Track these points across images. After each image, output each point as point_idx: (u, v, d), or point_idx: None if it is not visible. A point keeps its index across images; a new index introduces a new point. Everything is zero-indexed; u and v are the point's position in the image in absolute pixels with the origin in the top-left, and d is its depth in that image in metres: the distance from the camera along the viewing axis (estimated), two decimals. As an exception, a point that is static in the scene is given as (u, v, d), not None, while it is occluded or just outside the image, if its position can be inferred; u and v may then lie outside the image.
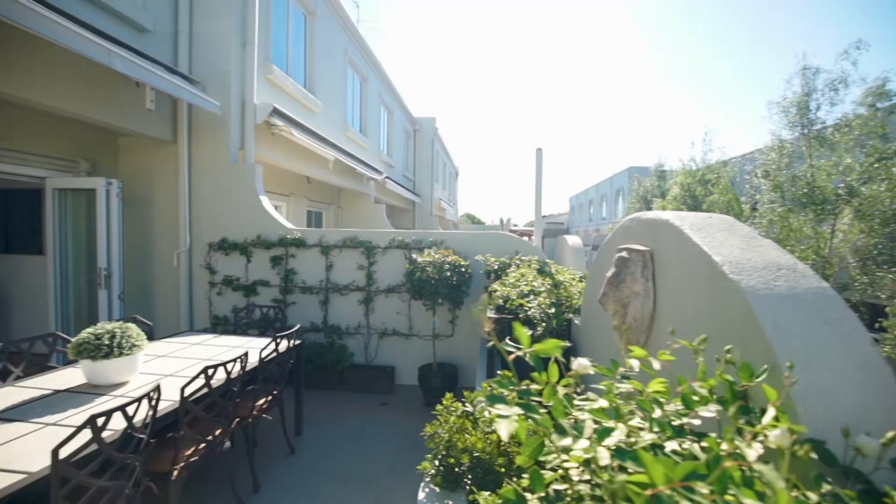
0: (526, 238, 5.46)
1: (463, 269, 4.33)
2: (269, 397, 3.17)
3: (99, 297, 4.73)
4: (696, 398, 0.94)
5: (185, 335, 3.90)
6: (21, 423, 2.05)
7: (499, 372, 2.29)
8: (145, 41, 4.85)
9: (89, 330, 2.48)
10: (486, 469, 1.93)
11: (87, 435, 1.68)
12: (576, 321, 3.01)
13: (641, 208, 20.79)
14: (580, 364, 0.97)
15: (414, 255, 4.79)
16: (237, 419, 2.83)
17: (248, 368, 2.77)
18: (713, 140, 23.17)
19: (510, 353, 0.93)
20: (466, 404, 2.22)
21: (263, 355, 2.91)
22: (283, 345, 3.21)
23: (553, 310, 2.94)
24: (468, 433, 2.08)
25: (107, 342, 2.44)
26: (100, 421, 1.68)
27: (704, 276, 1.44)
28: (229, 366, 2.51)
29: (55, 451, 1.56)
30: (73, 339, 2.51)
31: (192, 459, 2.38)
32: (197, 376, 2.26)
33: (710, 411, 0.91)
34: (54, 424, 2.03)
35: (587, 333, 2.82)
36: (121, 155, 5.58)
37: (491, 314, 3.35)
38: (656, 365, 1.04)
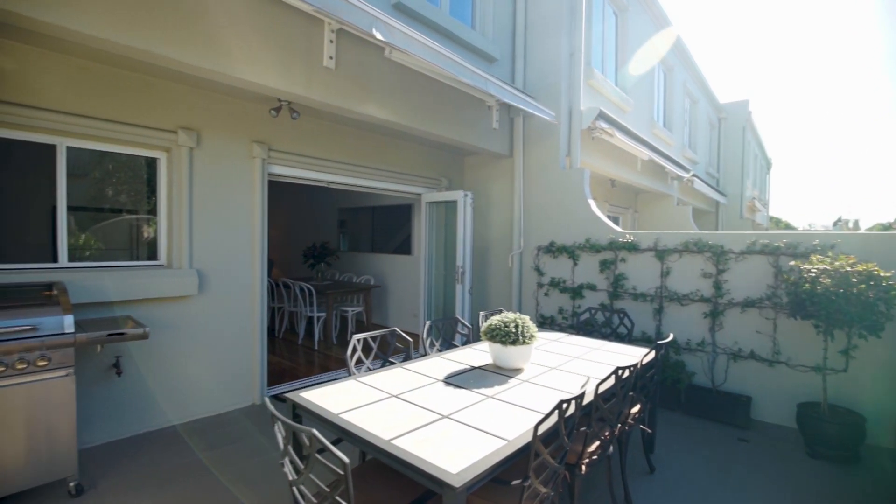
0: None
1: (888, 284, 3.16)
2: (640, 406, 2.98)
3: (456, 290, 5.65)
4: None
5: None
6: (465, 390, 2.43)
7: None
8: (492, 68, 5.56)
9: (497, 318, 2.81)
10: None
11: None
12: None
13: None
14: None
15: (791, 263, 3.84)
16: (619, 424, 2.73)
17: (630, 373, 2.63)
18: None
19: None
20: None
21: (645, 362, 2.74)
22: (651, 355, 2.97)
23: None
24: None
25: (513, 330, 2.71)
26: (563, 406, 1.77)
27: None
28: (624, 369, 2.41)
29: (536, 427, 1.69)
30: (467, 324, 2.92)
31: (593, 457, 2.38)
32: (609, 376, 2.23)
33: None
34: (492, 397, 2.32)
35: None
36: (466, 171, 6.60)
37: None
38: None
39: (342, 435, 1.96)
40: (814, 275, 3.38)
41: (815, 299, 3.34)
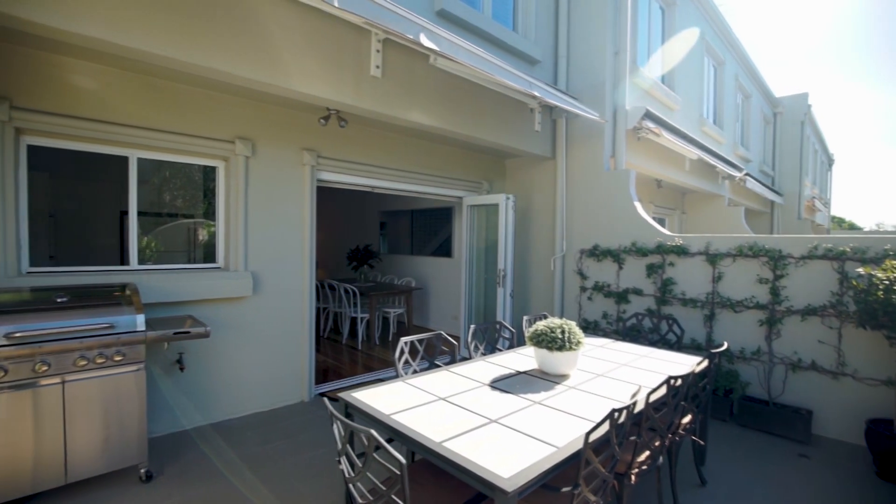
0: None
1: (972, 292, 2.91)
2: (691, 417, 2.89)
3: (497, 293, 5.65)
4: None
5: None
6: (511, 395, 2.44)
7: None
8: (535, 70, 5.53)
9: (543, 323, 2.81)
10: None
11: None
12: None
13: None
14: None
15: (859, 269, 3.60)
16: (670, 434, 2.66)
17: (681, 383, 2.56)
18: None
19: None
20: None
21: (697, 371, 2.66)
22: (703, 363, 2.88)
23: None
24: None
25: (560, 335, 2.69)
26: (615, 415, 1.75)
27: None
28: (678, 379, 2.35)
29: (587, 435, 1.68)
30: (511, 328, 2.91)
31: (643, 467, 2.33)
32: (661, 385, 2.19)
33: None
34: (539, 403, 2.33)
35: None
36: (507, 174, 6.59)
37: None
38: None
39: (394, 435, 2.02)
40: (888, 283, 3.16)
41: (890, 308, 3.12)
